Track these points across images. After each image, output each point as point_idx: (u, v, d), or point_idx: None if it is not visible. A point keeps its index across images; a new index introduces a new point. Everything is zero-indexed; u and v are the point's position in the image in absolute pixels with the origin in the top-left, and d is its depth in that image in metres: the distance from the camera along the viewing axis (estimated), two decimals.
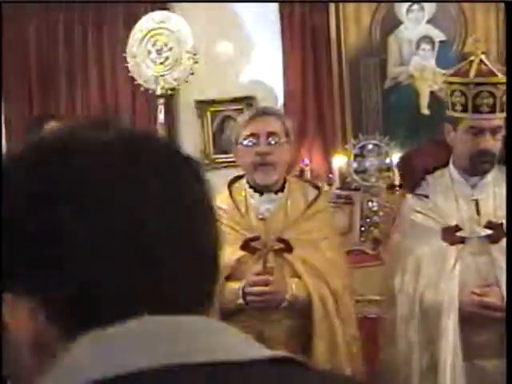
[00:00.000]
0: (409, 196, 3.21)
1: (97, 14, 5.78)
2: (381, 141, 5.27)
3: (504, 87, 2.90)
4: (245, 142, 3.11)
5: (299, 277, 3.09)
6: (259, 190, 3.20)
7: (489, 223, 2.96)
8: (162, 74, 4.40)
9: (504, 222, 2.92)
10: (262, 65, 5.78)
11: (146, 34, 4.46)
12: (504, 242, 2.90)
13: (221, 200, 3.25)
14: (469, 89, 2.95)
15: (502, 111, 2.91)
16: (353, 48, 5.54)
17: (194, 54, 4.57)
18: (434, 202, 3.09)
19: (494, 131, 2.92)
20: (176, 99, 5.92)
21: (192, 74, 4.56)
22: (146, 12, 4.85)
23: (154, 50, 4.41)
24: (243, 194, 3.24)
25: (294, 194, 3.25)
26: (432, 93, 5.46)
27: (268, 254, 3.11)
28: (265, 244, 3.12)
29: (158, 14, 4.57)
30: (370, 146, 5.28)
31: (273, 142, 3.09)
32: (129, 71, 4.49)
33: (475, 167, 3.01)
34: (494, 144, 2.92)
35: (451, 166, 3.09)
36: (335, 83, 5.53)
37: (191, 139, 5.92)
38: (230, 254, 3.09)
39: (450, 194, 3.05)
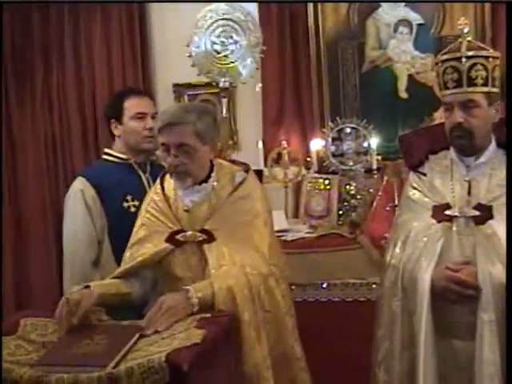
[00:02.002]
0: (411, 173, 3.29)
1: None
2: (358, 124, 5.28)
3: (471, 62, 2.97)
4: (159, 151, 3.16)
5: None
6: None
7: (478, 205, 2.99)
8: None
9: (493, 204, 2.97)
10: None
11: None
12: (489, 224, 2.94)
13: (154, 191, 3.34)
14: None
15: (469, 86, 2.96)
16: (331, 31, 5.51)
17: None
18: (431, 181, 3.16)
19: (463, 106, 2.97)
20: (153, 83, 5.90)
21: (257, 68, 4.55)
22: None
23: (219, 42, 4.35)
24: (172, 186, 3.27)
25: (221, 181, 3.25)
26: (410, 76, 5.45)
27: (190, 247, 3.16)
28: (189, 237, 3.16)
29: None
30: (348, 130, 5.29)
31: (183, 153, 3.07)
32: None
33: (453, 143, 3.08)
34: (467, 118, 2.96)
35: (451, 147, 3.14)
36: (313, 67, 5.51)
37: None
38: (156, 244, 3.19)
39: (447, 174, 3.12)
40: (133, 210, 3.74)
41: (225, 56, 4.38)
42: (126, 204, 3.79)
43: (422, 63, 5.39)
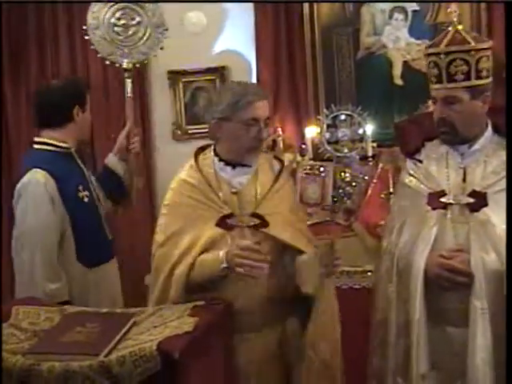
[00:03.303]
0: (407, 160, 3.28)
1: None
2: (353, 111, 5.26)
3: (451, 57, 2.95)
4: (243, 125, 3.08)
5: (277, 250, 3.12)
6: (231, 163, 3.18)
7: (473, 192, 2.99)
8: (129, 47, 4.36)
9: (488, 191, 2.96)
10: (235, 35, 5.73)
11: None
12: (483, 211, 2.94)
13: (188, 175, 3.23)
14: (440, 58, 2.98)
15: (449, 81, 2.95)
16: (326, 18, 5.48)
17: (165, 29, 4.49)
18: (427, 168, 3.16)
19: (444, 101, 2.98)
20: (148, 70, 5.88)
21: (161, 48, 4.50)
22: None
23: (120, 24, 4.35)
24: (212, 167, 3.21)
25: (263, 167, 3.26)
26: (405, 63, 5.44)
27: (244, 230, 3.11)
28: (241, 220, 3.12)
29: None
30: (343, 117, 5.27)
31: (266, 126, 3.12)
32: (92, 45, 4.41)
33: (440, 136, 3.09)
34: (449, 113, 2.97)
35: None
36: (308, 53, 5.48)
37: (163, 110, 5.88)
38: (206, 231, 3.09)
39: (443, 162, 3.12)
40: (86, 200, 3.78)
41: (126, 38, 4.36)
42: (80, 194, 3.78)
43: (418, 50, 5.36)
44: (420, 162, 3.19)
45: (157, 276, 3.15)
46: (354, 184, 5.00)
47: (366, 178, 4.98)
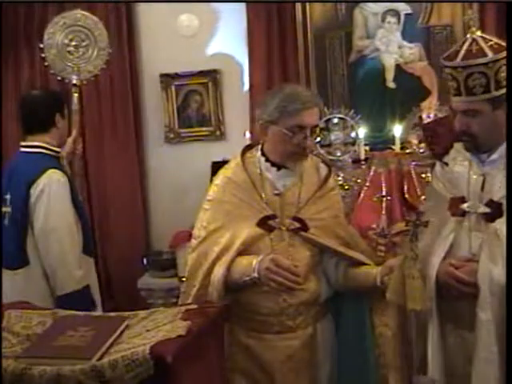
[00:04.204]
0: (437, 163, 3.24)
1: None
2: (346, 114, 5.26)
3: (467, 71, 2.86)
4: (288, 131, 3.06)
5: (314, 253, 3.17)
6: (277, 164, 3.18)
7: (490, 201, 2.94)
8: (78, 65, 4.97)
9: (503, 201, 2.89)
10: (227, 38, 5.74)
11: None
12: (498, 222, 2.89)
13: (234, 173, 3.23)
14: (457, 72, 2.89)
15: (468, 95, 2.86)
16: (318, 21, 5.48)
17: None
18: (452, 172, 3.11)
19: (465, 113, 2.91)
20: (140, 73, 5.88)
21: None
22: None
23: (72, 45, 4.94)
24: (258, 166, 3.21)
25: (308, 170, 3.25)
26: (398, 66, 5.44)
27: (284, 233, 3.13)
28: (282, 223, 3.12)
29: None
30: (336, 120, 5.26)
31: (313, 134, 3.09)
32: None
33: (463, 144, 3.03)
34: (470, 125, 2.89)
35: None
36: (300, 56, 5.48)
37: (156, 113, 5.87)
38: (246, 229, 3.10)
39: (466, 165, 3.05)
40: (80, 198, 4.18)
41: (77, 57, 4.93)
42: (79, 196, 4.19)
43: (410, 53, 5.38)
44: (446, 164, 3.15)
45: (195, 272, 3.17)
46: (346, 187, 5.00)
47: (359, 181, 4.98)
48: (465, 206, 3.00)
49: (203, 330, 2.66)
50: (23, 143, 4.16)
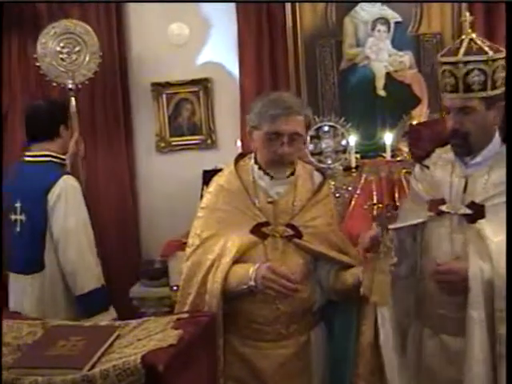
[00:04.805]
0: (416, 166, 3.28)
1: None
2: (337, 122, 5.27)
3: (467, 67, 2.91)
4: (266, 138, 3.07)
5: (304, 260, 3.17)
6: (269, 172, 3.19)
7: (471, 203, 2.97)
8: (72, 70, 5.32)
9: (487, 204, 2.93)
10: (218, 47, 5.73)
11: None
12: (480, 223, 2.92)
13: (227, 181, 3.24)
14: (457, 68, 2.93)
15: (465, 92, 2.90)
16: (309, 29, 5.49)
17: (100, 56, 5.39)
18: (432, 175, 3.14)
19: (459, 111, 2.94)
20: (131, 82, 5.87)
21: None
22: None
23: (65, 51, 5.30)
24: (251, 174, 3.21)
25: (302, 177, 3.26)
26: (388, 74, 5.45)
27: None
28: (275, 230, 3.12)
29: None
30: (326, 128, 5.27)
31: (293, 142, 3.07)
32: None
33: (451, 146, 3.06)
34: (463, 123, 2.93)
35: None
36: (291, 64, 5.49)
37: (147, 122, 5.87)
38: (239, 237, 3.11)
39: (449, 169, 3.09)
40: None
41: (70, 63, 5.30)
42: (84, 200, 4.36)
43: (400, 61, 5.39)
44: (427, 167, 3.18)
45: (189, 281, 3.18)
46: (337, 195, 5.00)
47: (350, 189, 4.98)
48: (444, 207, 3.02)
49: (195, 338, 2.66)
50: (28, 153, 4.37)
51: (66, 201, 4.16)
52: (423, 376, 3.14)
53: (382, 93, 5.47)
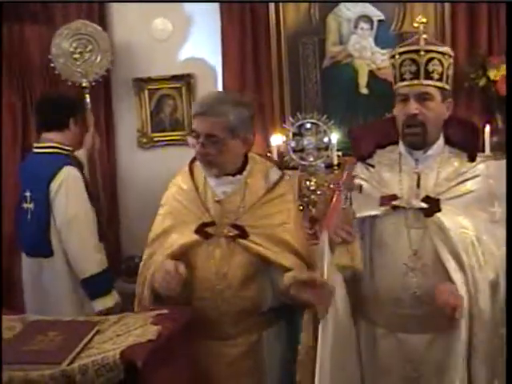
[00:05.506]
0: (358, 164, 3.26)
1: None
2: (319, 120, 5.27)
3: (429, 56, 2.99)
4: (190, 138, 3.08)
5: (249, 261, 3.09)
6: None
7: (426, 197, 2.99)
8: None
9: (441, 197, 2.97)
10: (201, 43, 5.73)
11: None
12: (438, 216, 2.94)
13: (182, 179, 3.24)
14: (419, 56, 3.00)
15: (426, 78, 2.97)
16: (292, 27, 5.50)
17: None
18: (379, 173, 3.15)
19: (418, 98, 2.98)
20: (113, 77, 5.85)
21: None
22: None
23: (77, 52, 5.51)
24: (202, 173, 3.18)
25: (255, 176, 3.19)
26: (371, 72, 5.46)
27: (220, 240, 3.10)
28: (219, 230, 3.09)
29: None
30: (309, 125, 5.27)
31: (211, 143, 3.01)
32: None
33: (405, 138, 3.07)
34: (421, 110, 2.97)
35: (400, 141, 3.13)
36: (274, 62, 5.50)
37: (128, 117, 5.85)
38: (183, 235, 3.10)
39: (396, 167, 3.12)
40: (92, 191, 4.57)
41: (83, 62, 5.50)
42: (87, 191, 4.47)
43: (383, 59, 5.40)
44: (372, 166, 3.19)
45: (140, 277, 3.21)
46: (319, 192, 5.01)
47: (332, 186, 4.99)
48: (397, 202, 3.03)
49: (173, 334, 2.65)
50: (36, 144, 4.57)
51: (67, 190, 4.32)
52: (379, 376, 3.14)
53: (364, 90, 5.49)
